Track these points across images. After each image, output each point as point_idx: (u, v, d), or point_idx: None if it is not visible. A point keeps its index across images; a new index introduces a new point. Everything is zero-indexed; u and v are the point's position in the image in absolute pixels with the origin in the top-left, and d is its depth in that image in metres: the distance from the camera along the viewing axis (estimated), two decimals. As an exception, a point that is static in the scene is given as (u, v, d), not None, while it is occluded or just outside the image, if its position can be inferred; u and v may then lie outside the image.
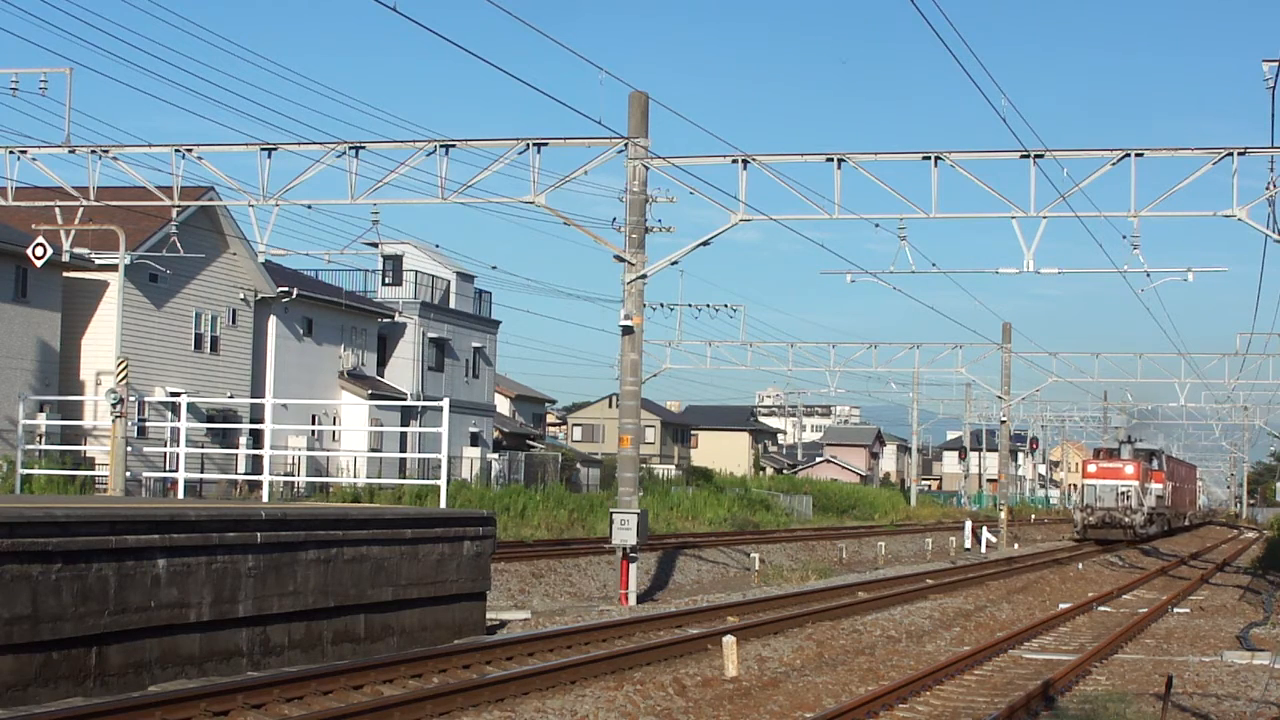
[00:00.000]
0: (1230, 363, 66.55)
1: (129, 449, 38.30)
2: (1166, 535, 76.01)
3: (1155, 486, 71.01)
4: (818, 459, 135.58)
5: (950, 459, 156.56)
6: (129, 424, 39.08)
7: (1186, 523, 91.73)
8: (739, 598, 29.70)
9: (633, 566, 29.70)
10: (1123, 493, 67.47)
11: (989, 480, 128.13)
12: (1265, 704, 16.62)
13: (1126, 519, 66.36)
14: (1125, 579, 40.08)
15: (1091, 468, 69.88)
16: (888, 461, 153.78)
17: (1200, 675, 19.14)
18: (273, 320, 55.25)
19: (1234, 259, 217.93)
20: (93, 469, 41.31)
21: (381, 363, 64.19)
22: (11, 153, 32.69)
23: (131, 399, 38.96)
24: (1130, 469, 68.04)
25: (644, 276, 30.57)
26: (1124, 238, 32.50)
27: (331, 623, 18.55)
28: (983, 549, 60.92)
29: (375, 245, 43.84)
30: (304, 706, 14.88)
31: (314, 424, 56.27)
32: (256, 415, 50.44)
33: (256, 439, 44.26)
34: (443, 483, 24.97)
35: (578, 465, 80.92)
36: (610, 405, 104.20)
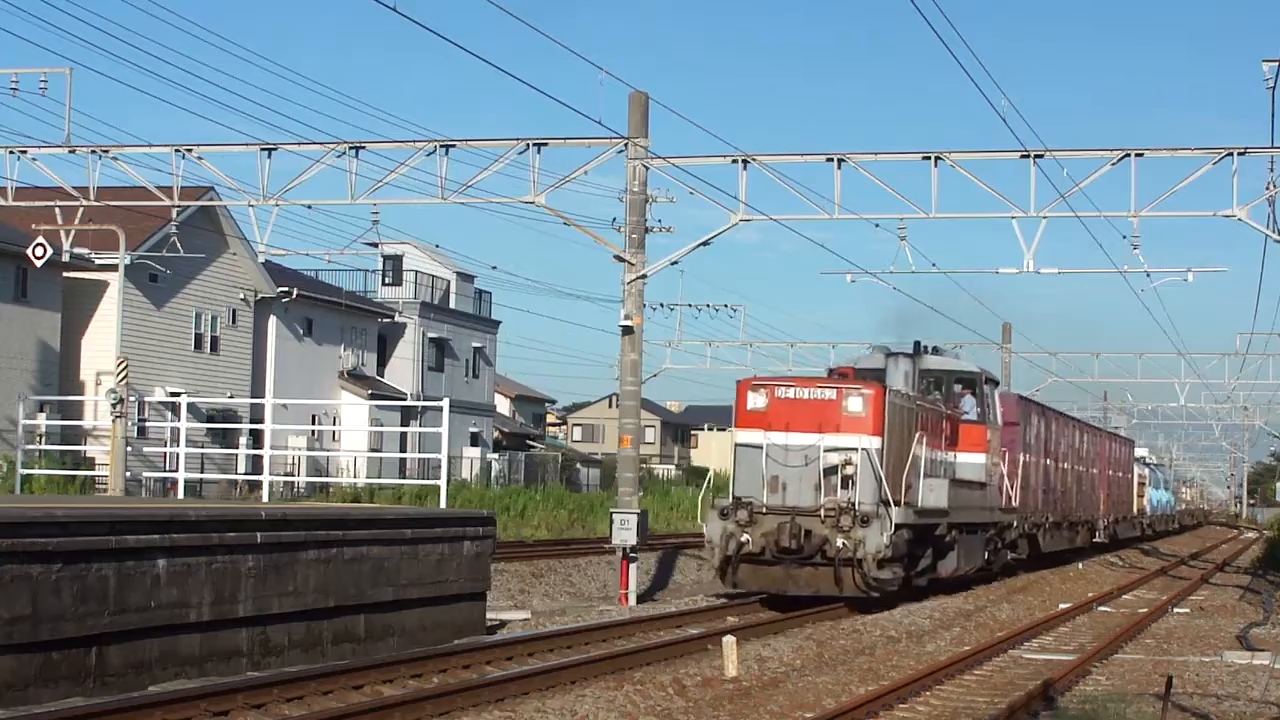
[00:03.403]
0: (1230, 363, 66.49)
1: (129, 449, 38.30)
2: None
3: (969, 458, 31.93)
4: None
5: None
6: (129, 424, 39.08)
7: (1105, 535, 54.41)
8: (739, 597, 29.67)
9: (633, 566, 29.69)
10: (832, 468, 26.07)
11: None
12: (1265, 704, 16.62)
13: (843, 543, 25.24)
14: (1125, 579, 40.07)
15: (758, 400, 26.44)
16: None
17: (1200, 675, 19.13)
18: (273, 320, 55.24)
19: (1234, 259, 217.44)
20: (93, 469, 41.30)
21: (381, 363, 64.19)
22: (11, 153, 32.67)
23: (131, 399, 38.96)
24: (857, 404, 26.03)
25: (644, 276, 30.56)
26: (1124, 238, 32.42)
27: (331, 623, 18.54)
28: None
29: (375, 245, 43.83)
30: (304, 706, 14.88)
31: (314, 424, 56.27)
32: (256, 415, 50.43)
33: (256, 439, 44.25)
34: (443, 483, 24.98)
35: (578, 465, 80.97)
36: (610, 405, 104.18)
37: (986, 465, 32.48)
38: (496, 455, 68.55)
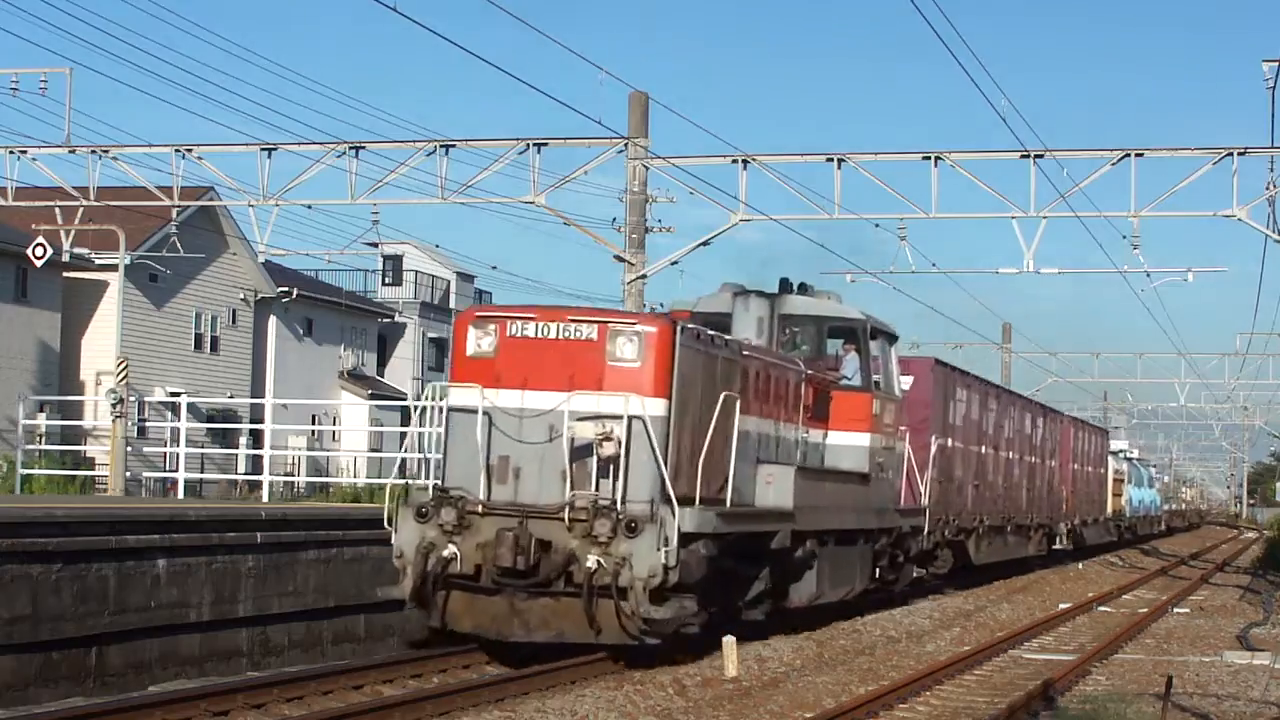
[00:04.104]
0: (1230, 363, 66.59)
1: (129, 449, 38.29)
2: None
3: (845, 439, 23.07)
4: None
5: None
6: (129, 424, 39.06)
7: (1069, 541, 45.92)
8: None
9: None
10: (587, 445, 17.01)
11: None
12: (1265, 704, 16.62)
13: (597, 562, 16.45)
14: (1125, 579, 40.07)
15: (482, 340, 17.41)
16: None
17: (1200, 675, 19.13)
18: (273, 320, 55.22)
19: (1234, 259, 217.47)
20: (93, 469, 41.28)
21: (381, 363, 64.18)
22: (11, 153, 32.71)
23: (131, 399, 38.95)
24: (629, 348, 17.01)
25: (644, 276, 30.58)
26: (1124, 238, 32.46)
27: (331, 623, 18.55)
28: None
29: (375, 245, 43.84)
30: (304, 706, 14.87)
31: (314, 424, 56.26)
32: (256, 415, 50.42)
33: (256, 439, 44.24)
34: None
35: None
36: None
37: (872, 449, 23.19)
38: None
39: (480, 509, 16.82)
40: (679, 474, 17.17)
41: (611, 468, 16.81)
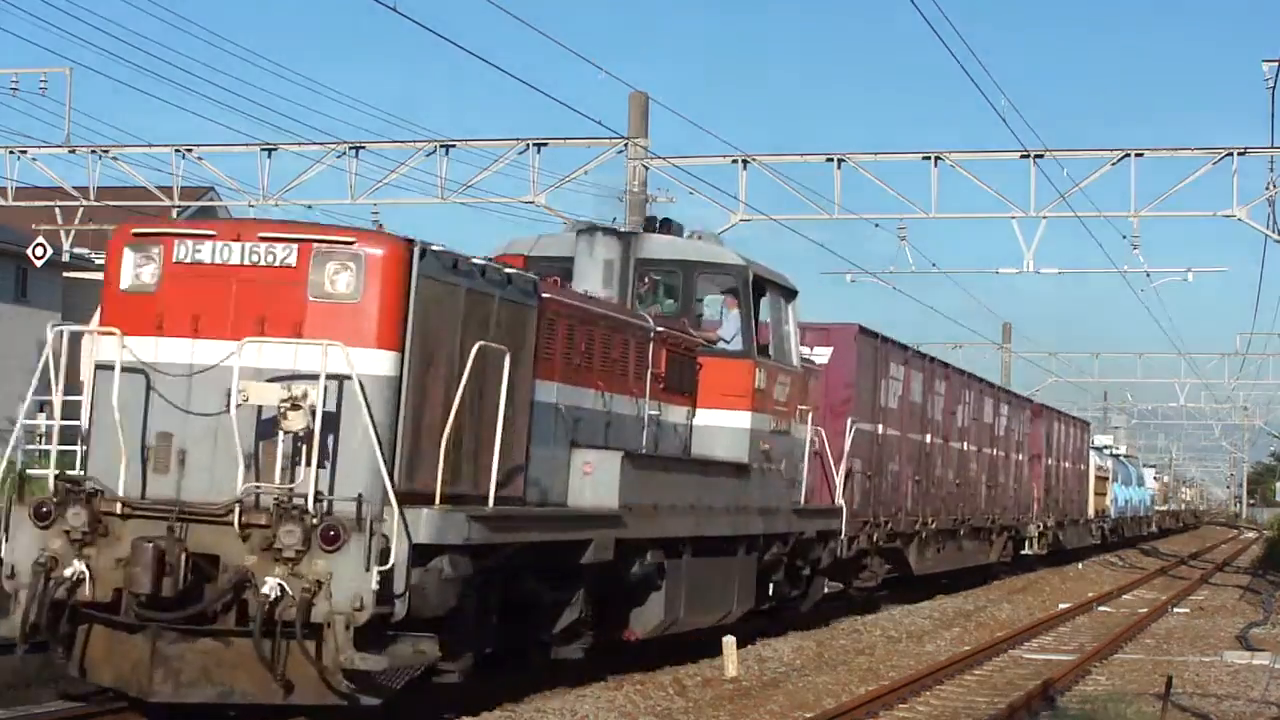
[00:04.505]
0: (1230, 363, 66.61)
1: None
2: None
3: (721, 419, 17.88)
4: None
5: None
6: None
7: (1041, 545, 40.82)
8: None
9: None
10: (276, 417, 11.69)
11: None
12: (1265, 704, 16.63)
13: (278, 588, 11.41)
14: (1125, 579, 40.09)
15: (142, 268, 12.36)
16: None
17: (1200, 675, 19.15)
18: (273, 320, 55.22)
19: (1234, 259, 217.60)
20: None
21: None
22: (11, 153, 32.75)
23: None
24: (343, 278, 12.00)
25: (644, 276, 30.56)
26: (1124, 238, 32.50)
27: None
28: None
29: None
30: (304, 706, 14.73)
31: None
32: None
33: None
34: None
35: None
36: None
37: (755, 433, 18.07)
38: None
39: (120, 509, 11.80)
40: (418, 460, 12.13)
41: (305, 450, 11.65)
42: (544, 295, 13.99)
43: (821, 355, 22.70)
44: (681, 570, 16.39)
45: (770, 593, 19.65)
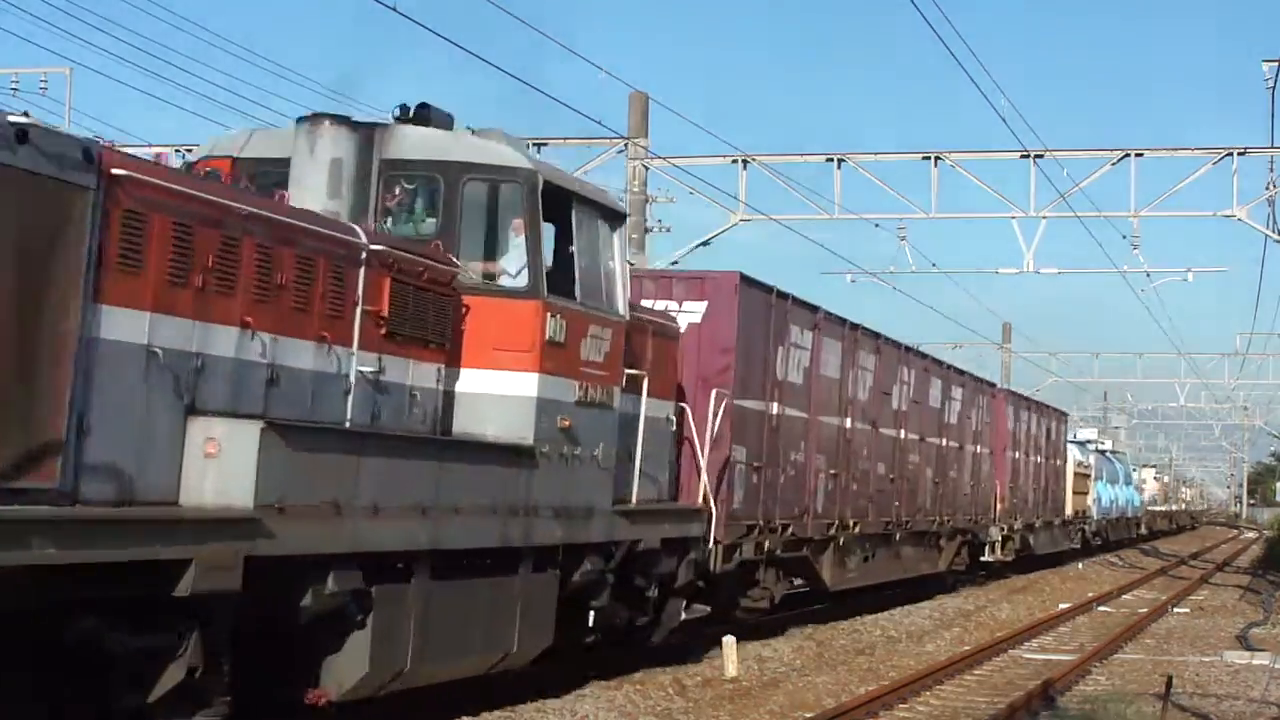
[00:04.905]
0: (1230, 363, 66.72)
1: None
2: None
3: (493, 382, 12.83)
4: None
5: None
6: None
7: (1006, 551, 36.20)
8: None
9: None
10: None
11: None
12: (1265, 704, 16.64)
13: None
14: (1125, 579, 40.09)
15: None
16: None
17: (1200, 675, 19.15)
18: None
19: (1234, 259, 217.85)
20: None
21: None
22: (11, 153, 32.73)
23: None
24: None
25: (644, 276, 30.56)
26: (1124, 238, 32.53)
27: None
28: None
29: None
30: (304, 706, 14.65)
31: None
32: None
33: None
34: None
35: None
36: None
37: (544, 403, 13.15)
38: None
39: None
40: None
41: None
42: (115, 172, 8.97)
43: (694, 312, 18.38)
44: (406, 599, 11.57)
45: (591, 623, 14.98)
